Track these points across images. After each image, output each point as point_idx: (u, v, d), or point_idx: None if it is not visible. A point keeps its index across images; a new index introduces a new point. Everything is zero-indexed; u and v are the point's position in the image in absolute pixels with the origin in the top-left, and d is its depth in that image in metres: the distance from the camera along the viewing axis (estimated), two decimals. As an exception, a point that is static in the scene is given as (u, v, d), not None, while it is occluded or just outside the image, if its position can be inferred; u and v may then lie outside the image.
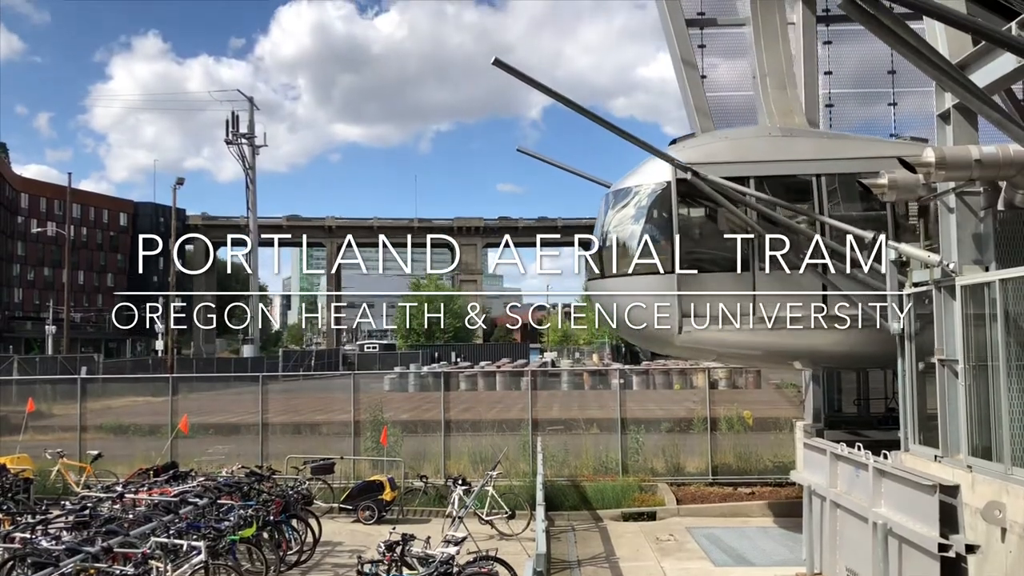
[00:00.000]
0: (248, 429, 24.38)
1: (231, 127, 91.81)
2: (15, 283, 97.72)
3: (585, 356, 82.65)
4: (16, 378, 35.72)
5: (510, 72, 10.78)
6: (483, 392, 44.38)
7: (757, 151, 11.65)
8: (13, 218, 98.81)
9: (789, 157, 11.58)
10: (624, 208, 11.81)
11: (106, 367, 55.58)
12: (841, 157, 11.71)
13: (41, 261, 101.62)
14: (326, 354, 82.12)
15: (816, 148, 11.82)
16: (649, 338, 11.85)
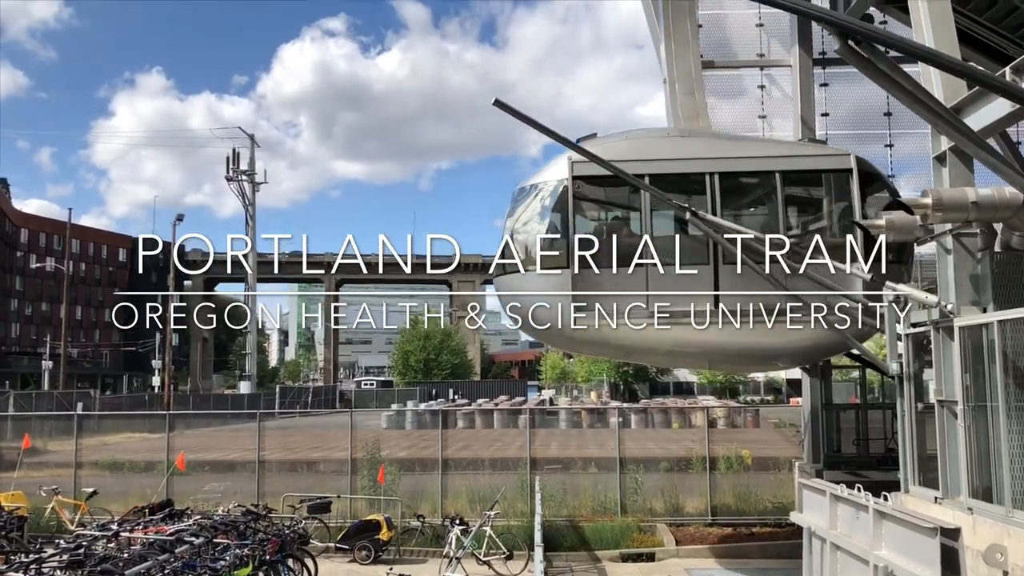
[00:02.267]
0: (244, 466, 24.24)
1: (232, 164, 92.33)
2: (12, 318, 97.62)
3: (583, 394, 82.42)
4: (11, 414, 35.56)
5: (510, 112, 10.88)
6: (481, 430, 44.21)
7: (653, 150, 11.79)
8: (12, 253, 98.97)
9: (683, 156, 11.71)
10: (528, 205, 11.89)
11: (102, 403, 55.34)
12: (733, 156, 11.85)
13: (39, 296, 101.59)
14: (323, 391, 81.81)
15: (710, 148, 11.97)
16: (548, 335, 11.91)
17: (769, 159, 11.75)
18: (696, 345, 11.38)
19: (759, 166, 11.71)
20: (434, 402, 64.06)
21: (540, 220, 11.67)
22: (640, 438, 34.84)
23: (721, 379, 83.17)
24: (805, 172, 11.90)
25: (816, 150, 12.30)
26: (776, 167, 11.53)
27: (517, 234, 11.84)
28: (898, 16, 14.03)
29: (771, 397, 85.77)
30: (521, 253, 11.55)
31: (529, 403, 58.26)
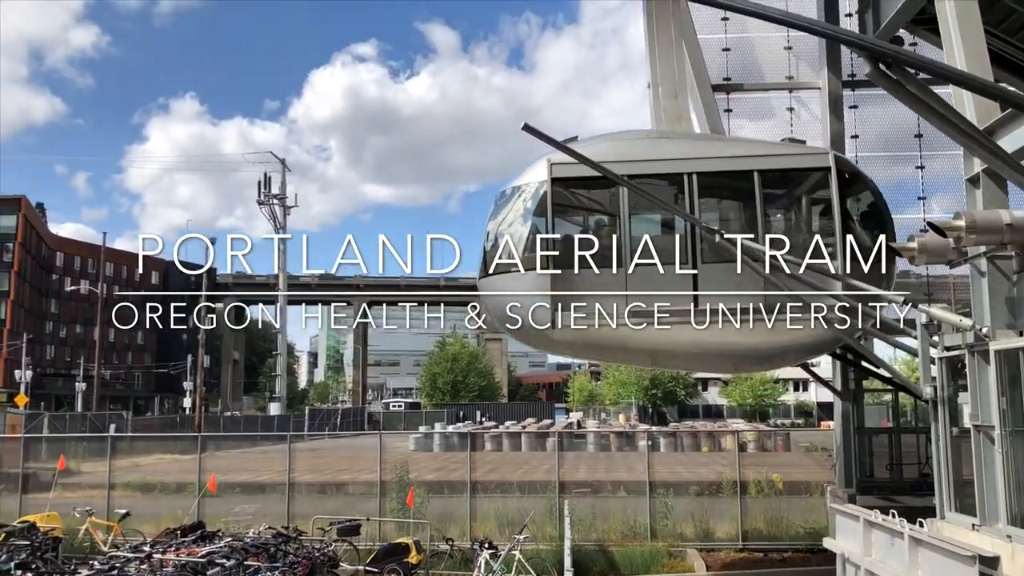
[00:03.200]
0: (274, 488, 24.34)
1: (263, 188, 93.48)
2: (47, 340, 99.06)
3: (611, 416, 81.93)
4: (46, 435, 36.05)
5: (539, 137, 10.96)
6: (509, 452, 44.07)
7: (632, 151, 11.84)
8: (48, 276, 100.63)
9: (661, 157, 11.75)
10: (509, 207, 11.95)
11: (134, 425, 55.86)
12: (710, 156, 11.86)
13: (73, 319, 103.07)
14: (352, 412, 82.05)
15: (688, 149, 11.99)
16: (530, 336, 11.86)
17: (747, 158, 11.75)
18: (678, 345, 11.36)
19: (737, 165, 11.71)
20: (462, 424, 64.02)
21: (521, 222, 11.75)
22: (669, 462, 34.56)
23: (751, 402, 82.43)
24: (783, 171, 11.86)
25: (795, 149, 12.18)
26: (754, 166, 11.52)
27: (498, 236, 11.89)
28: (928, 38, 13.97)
29: (801, 420, 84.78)
30: (502, 255, 11.61)
31: (557, 426, 58.01)
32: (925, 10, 10.70)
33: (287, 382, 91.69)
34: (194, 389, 70.40)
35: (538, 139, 10.95)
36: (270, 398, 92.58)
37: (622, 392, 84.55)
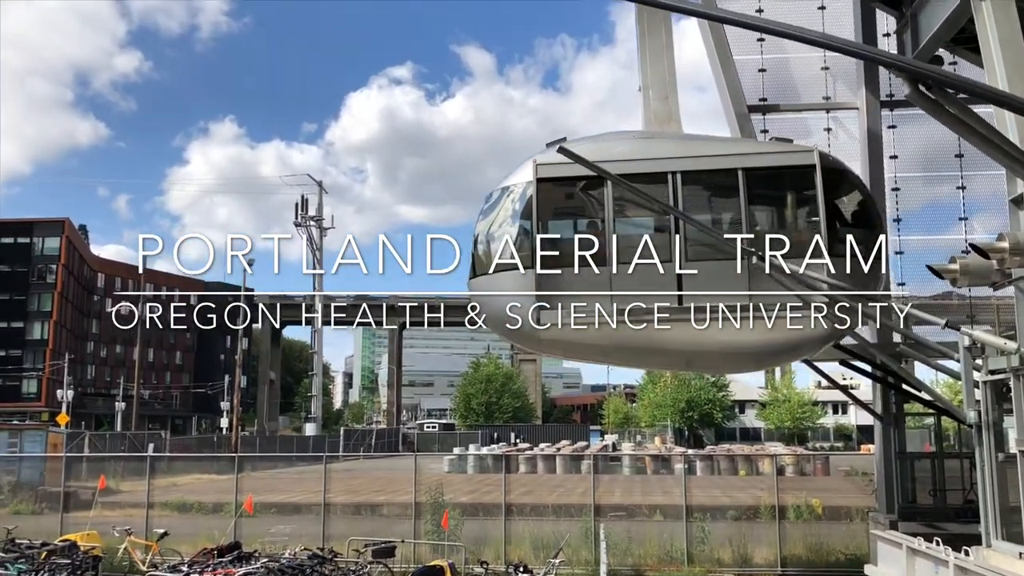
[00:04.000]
0: (309, 509, 24.45)
1: (300, 209, 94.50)
2: (88, 360, 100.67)
3: (647, 439, 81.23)
4: (87, 455, 36.53)
5: (574, 159, 11.03)
6: (543, 475, 43.85)
7: (618, 151, 11.84)
8: (90, 297, 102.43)
9: (646, 156, 11.75)
10: (496, 208, 11.98)
11: (172, 444, 56.49)
12: (695, 155, 11.81)
13: (114, 339, 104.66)
14: (386, 433, 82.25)
15: (673, 148, 11.97)
16: (517, 336, 11.84)
17: (731, 157, 11.72)
18: (664, 344, 11.30)
19: (721, 164, 11.69)
20: (496, 446, 63.86)
21: (508, 223, 11.78)
22: (706, 485, 34.18)
23: (789, 425, 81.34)
24: (768, 169, 11.74)
25: (779, 147, 12.10)
26: (738, 164, 11.46)
27: (486, 237, 11.96)
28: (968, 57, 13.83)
29: (841, 444, 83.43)
30: (490, 256, 11.67)
31: (592, 448, 57.64)
32: (965, 29, 10.60)
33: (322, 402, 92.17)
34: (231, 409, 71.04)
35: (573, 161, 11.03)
36: (306, 418, 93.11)
37: (658, 414, 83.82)
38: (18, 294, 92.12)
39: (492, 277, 11.60)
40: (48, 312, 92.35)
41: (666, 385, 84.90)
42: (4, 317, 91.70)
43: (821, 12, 16.02)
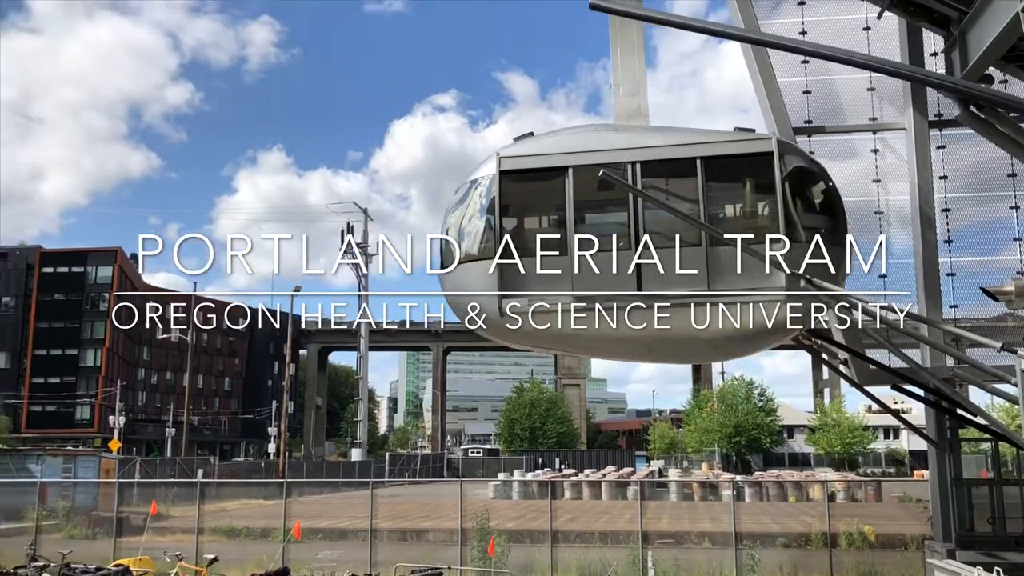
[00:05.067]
0: (356, 534, 24.55)
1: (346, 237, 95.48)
2: (139, 387, 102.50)
3: (693, 465, 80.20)
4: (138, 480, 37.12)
5: (617, 183, 11.09)
6: (589, 501, 43.51)
7: (579, 143, 11.98)
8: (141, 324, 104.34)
9: (606, 147, 11.82)
10: (463, 201, 12.10)
11: (221, 470, 57.16)
12: (654, 145, 11.84)
13: (164, 366, 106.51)
14: (431, 458, 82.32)
15: (632, 139, 12.04)
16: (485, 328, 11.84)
17: (689, 146, 11.70)
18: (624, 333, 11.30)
19: (679, 153, 11.68)
20: (540, 471, 63.54)
21: (474, 215, 11.92)
22: (755, 512, 33.64)
23: (839, 450, 79.77)
24: (726, 157, 11.70)
25: (738, 136, 11.98)
26: (696, 153, 11.47)
27: (454, 229, 12.07)
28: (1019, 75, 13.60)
29: (893, 470, 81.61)
30: (457, 248, 11.78)
31: (638, 474, 57.06)
32: (1016, 47, 10.43)
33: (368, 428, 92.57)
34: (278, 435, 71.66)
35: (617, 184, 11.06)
36: (351, 443, 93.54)
37: (705, 440, 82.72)
38: (72, 322, 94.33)
39: (459, 268, 11.76)
40: (101, 340, 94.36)
41: (713, 410, 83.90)
42: (59, 345, 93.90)
43: (866, 33, 15.87)
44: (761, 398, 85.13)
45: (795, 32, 15.75)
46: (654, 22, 10.15)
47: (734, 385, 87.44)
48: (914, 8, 12.70)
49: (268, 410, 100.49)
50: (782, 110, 15.69)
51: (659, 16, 10.83)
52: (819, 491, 39.99)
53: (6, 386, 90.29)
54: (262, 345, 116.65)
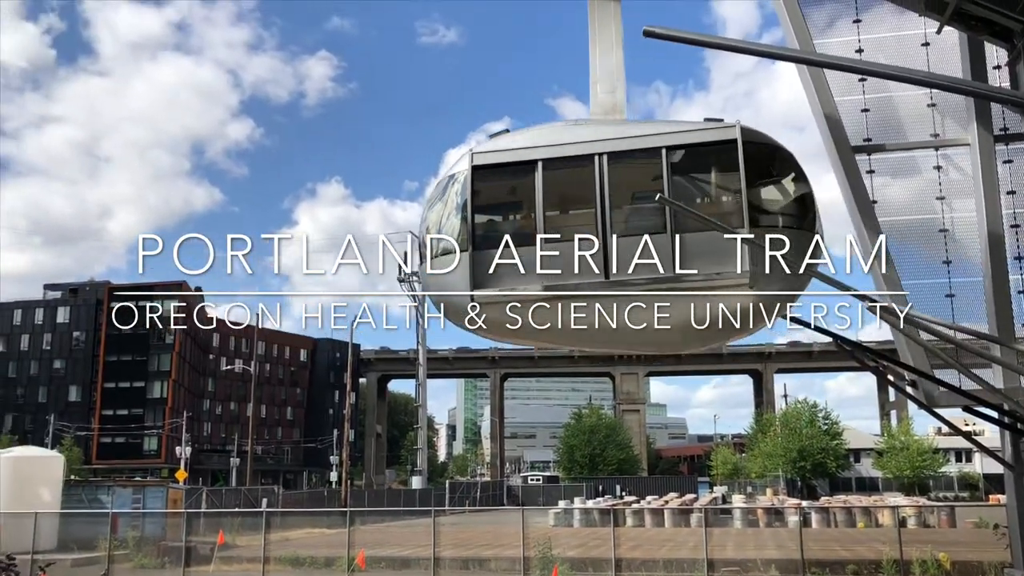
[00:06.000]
0: (418, 563, 24.58)
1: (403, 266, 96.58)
2: (205, 417, 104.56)
3: (757, 490, 78.70)
4: (205, 511, 37.75)
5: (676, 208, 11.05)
6: (651, 528, 42.94)
7: (549, 138, 12.05)
8: (205, 356, 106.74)
9: (574, 140, 11.88)
10: (439, 196, 12.28)
11: (284, 499, 57.85)
12: (620, 136, 11.83)
13: (228, 396, 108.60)
14: (491, 486, 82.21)
15: (600, 132, 12.03)
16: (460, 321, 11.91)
17: (654, 136, 11.69)
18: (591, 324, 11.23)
19: (644, 143, 11.69)
20: (601, 499, 62.96)
21: (448, 208, 12.08)
22: (823, 538, 32.81)
23: (908, 474, 77.57)
24: (690, 146, 11.63)
25: (704, 125, 11.88)
26: (661, 143, 11.45)
27: (432, 223, 12.20)
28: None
29: (966, 494, 79.03)
30: (433, 242, 11.97)
31: (701, 501, 56.17)
32: (1083, 59, 10.19)
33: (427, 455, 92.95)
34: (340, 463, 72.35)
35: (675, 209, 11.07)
36: (411, 471, 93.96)
37: (768, 465, 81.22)
38: (139, 355, 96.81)
39: (435, 262, 11.91)
40: (167, 372, 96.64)
41: (776, 434, 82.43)
42: (127, 377, 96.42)
43: (925, 49, 15.61)
44: (826, 421, 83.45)
45: (851, 50, 15.57)
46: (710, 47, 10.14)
47: (797, 408, 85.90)
48: (975, 22, 12.51)
49: (329, 439, 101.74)
50: (840, 129, 15.48)
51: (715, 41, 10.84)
52: (889, 517, 38.87)
53: (78, 418, 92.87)
54: (323, 374, 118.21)
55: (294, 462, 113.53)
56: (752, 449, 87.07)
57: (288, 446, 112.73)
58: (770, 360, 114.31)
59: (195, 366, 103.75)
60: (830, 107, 15.40)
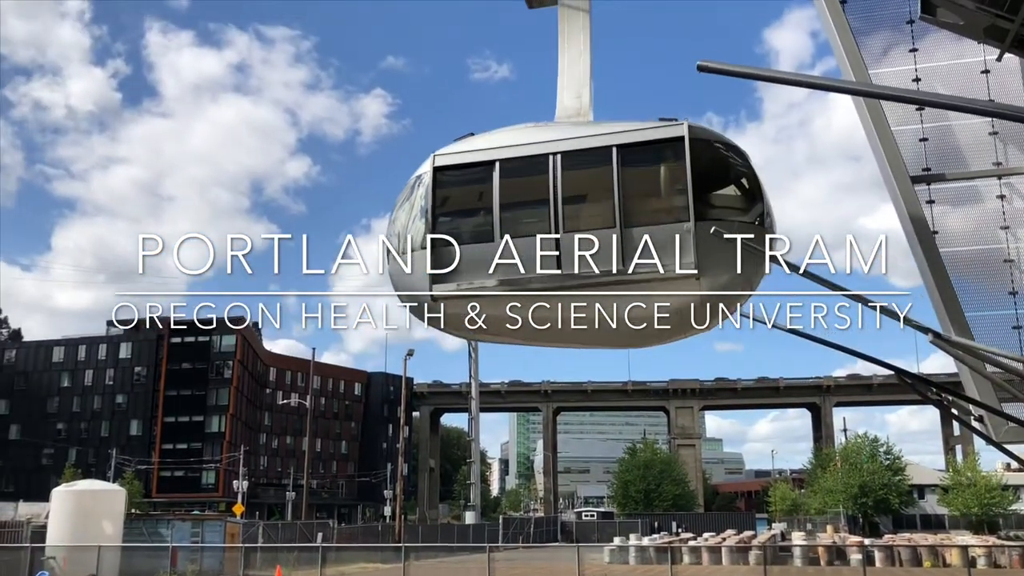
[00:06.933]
0: (472, 600, 24.40)
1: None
2: (261, 451, 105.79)
3: (818, 528, 76.77)
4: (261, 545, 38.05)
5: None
6: (709, 566, 42.10)
7: (506, 140, 12.44)
8: (262, 391, 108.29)
9: (530, 141, 12.23)
10: (406, 197, 12.64)
11: (339, 533, 58.04)
12: (573, 137, 12.12)
13: (284, 430, 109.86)
14: (544, 521, 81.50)
15: (556, 133, 12.36)
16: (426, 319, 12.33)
17: (605, 135, 11.96)
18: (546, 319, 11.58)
19: (595, 143, 11.97)
20: (657, 535, 62.00)
21: (413, 209, 12.43)
22: (888, 578, 31.87)
23: (976, 511, 75.05)
24: (639, 144, 11.87)
25: (655, 124, 12.04)
26: (611, 142, 11.74)
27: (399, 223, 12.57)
28: None
29: (1039, 532, 76.14)
30: (399, 240, 12.32)
31: (759, 538, 54.97)
32: None
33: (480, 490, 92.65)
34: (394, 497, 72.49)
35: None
36: (465, 506, 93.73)
37: (829, 501, 79.27)
38: (199, 390, 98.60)
39: (401, 259, 12.23)
40: (225, 406, 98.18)
41: (836, 469, 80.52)
42: (186, 412, 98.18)
43: (985, 76, 15.37)
44: (887, 456, 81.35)
45: (908, 79, 15.39)
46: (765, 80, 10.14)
47: (858, 443, 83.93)
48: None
49: (383, 473, 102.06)
50: (898, 159, 15.26)
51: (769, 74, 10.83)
52: (958, 556, 37.57)
53: (139, 452, 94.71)
54: (376, 408, 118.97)
55: (348, 496, 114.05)
56: (811, 485, 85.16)
57: (342, 480, 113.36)
58: (828, 393, 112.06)
59: (252, 400, 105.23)
60: (887, 137, 15.23)
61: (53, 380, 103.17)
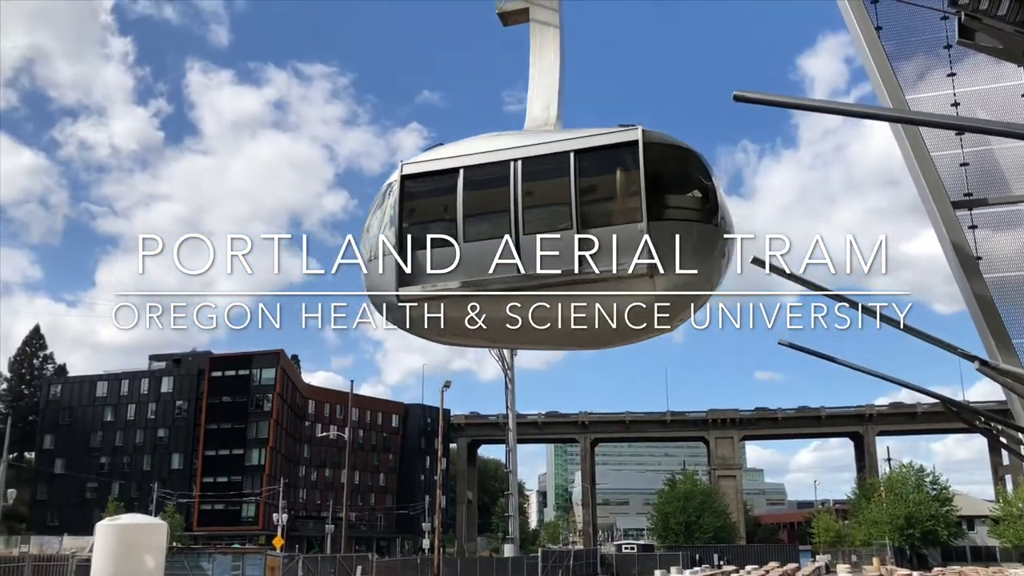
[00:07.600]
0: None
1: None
2: (300, 484, 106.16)
3: (864, 560, 75.13)
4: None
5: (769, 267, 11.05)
6: (753, 599, 41.38)
7: (471, 148, 12.81)
8: (301, 423, 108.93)
9: (492, 149, 12.57)
10: (379, 204, 13.02)
11: (378, 567, 57.92)
12: (533, 143, 12.52)
13: (323, 463, 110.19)
14: (584, 554, 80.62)
15: (517, 140, 12.77)
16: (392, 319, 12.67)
17: (563, 141, 12.38)
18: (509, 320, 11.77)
19: (554, 148, 12.38)
20: (699, 568, 61.07)
21: (384, 215, 12.79)
22: (939, 612, 31.04)
23: (1029, 542, 73.00)
24: (595, 148, 12.21)
25: (611, 129, 12.37)
26: (568, 147, 12.09)
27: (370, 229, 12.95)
28: None
29: (1097, 564, 73.72)
30: (370, 245, 12.68)
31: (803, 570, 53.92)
32: None
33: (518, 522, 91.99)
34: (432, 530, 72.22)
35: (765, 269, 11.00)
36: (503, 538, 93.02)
37: (874, 532, 77.61)
38: (239, 423, 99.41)
39: (372, 264, 12.56)
40: (265, 439, 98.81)
41: (881, 500, 78.90)
42: (227, 445, 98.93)
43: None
44: (934, 486, 79.56)
45: (946, 104, 15.29)
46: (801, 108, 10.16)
47: (903, 472, 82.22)
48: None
49: (421, 505, 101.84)
50: (938, 184, 15.13)
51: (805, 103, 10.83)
52: (1011, 589, 36.57)
53: (180, 485, 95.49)
54: (413, 440, 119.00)
55: (387, 528, 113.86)
56: (855, 515, 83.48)
57: (381, 512, 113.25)
58: (871, 422, 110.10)
59: (291, 433, 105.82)
60: (927, 163, 15.12)
61: (97, 414, 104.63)
